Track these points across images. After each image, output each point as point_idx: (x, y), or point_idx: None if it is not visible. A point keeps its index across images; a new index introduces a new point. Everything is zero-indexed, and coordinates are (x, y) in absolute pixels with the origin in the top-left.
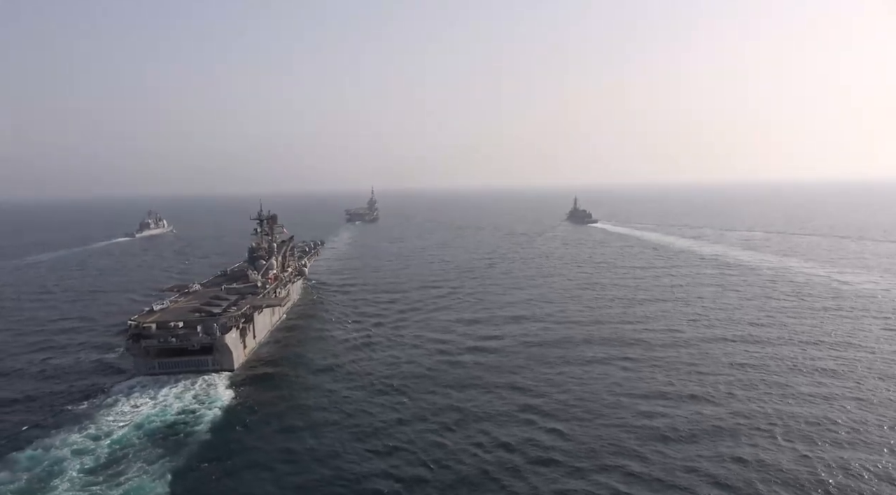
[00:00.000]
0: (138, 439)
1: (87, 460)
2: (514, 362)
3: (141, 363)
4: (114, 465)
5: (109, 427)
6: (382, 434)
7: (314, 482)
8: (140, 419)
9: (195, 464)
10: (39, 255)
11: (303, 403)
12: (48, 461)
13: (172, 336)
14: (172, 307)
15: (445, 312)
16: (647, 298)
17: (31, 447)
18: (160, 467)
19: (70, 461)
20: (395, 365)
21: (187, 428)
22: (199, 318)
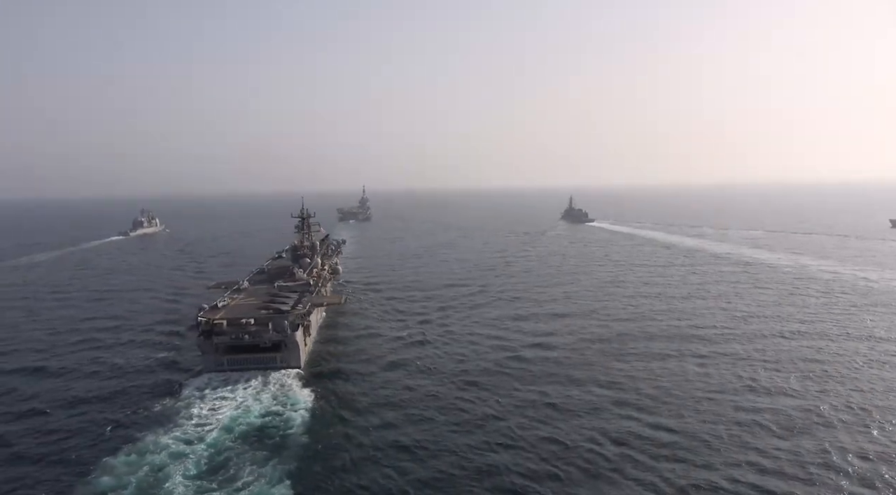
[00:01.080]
0: (232, 442)
1: (190, 465)
2: (583, 357)
3: (210, 359)
4: (221, 471)
5: (196, 430)
6: (486, 429)
7: (440, 476)
8: (226, 421)
9: (306, 465)
10: (35, 255)
11: (388, 399)
12: (148, 466)
13: (245, 333)
14: (234, 304)
15: (486, 309)
16: (682, 295)
17: (122, 452)
18: (272, 470)
19: (172, 466)
20: (463, 360)
21: (280, 430)
22: (268, 316)
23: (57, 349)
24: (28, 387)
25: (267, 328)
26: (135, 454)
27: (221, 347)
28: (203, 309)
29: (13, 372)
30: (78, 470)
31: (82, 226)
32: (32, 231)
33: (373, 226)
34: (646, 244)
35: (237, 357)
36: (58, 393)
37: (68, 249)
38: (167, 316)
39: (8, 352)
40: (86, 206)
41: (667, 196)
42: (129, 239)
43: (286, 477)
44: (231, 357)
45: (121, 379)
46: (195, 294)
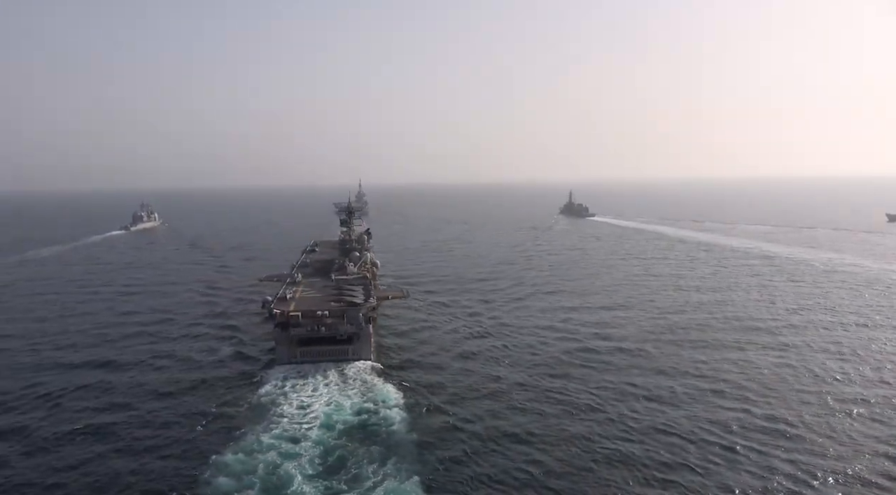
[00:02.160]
0: (336, 440)
1: (306, 465)
2: (658, 349)
3: (283, 351)
4: (342, 470)
5: (294, 427)
6: (596, 419)
7: (569, 467)
8: (323, 418)
9: (427, 461)
10: (39, 250)
11: (478, 390)
12: (263, 465)
13: (321, 325)
14: (300, 296)
15: (529, 302)
16: (721, 287)
17: (228, 450)
18: (395, 468)
19: (289, 465)
20: (534, 352)
21: (383, 427)
22: (341, 308)
23: (115, 343)
24: (105, 381)
25: (342, 320)
26: (242, 453)
27: (295, 339)
28: (267, 301)
29: (82, 365)
30: (190, 468)
31: (79, 221)
32: (28, 225)
33: (372, 222)
34: (658, 239)
35: (310, 349)
36: (137, 387)
37: (71, 244)
38: (210, 309)
39: (66, 346)
40: (73, 201)
41: (660, 192)
42: (131, 233)
43: (413, 474)
44: (304, 349)
45: (194, 372)
46: (227, 287)
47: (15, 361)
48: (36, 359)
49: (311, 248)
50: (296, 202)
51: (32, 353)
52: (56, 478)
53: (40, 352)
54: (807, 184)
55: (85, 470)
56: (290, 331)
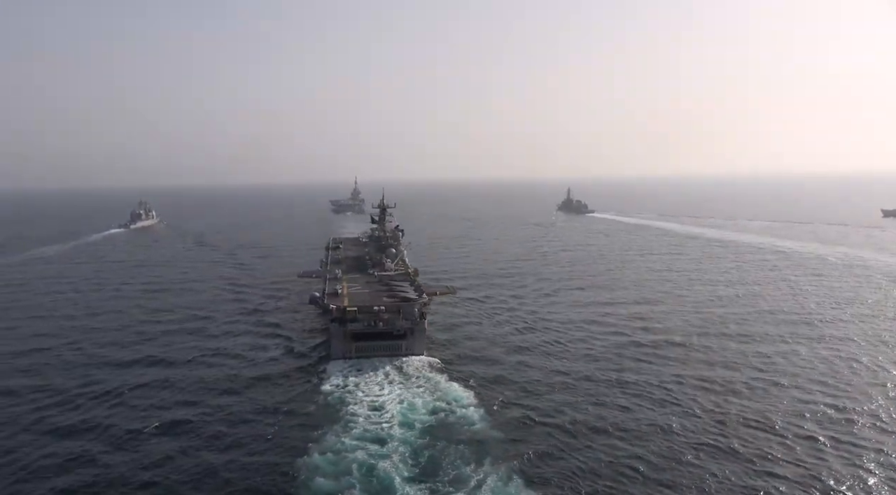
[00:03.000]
0: (420, 439)
1: (401, 466)
2: (706, 342)
3: (338, 346)
4: (440, 472)
5: (374, 427)
6: (679, 411)
7: (667, 460)
8: (400, 418)
9: (522, 458)
10: (42, 249)
11: (548, 384)
12: (356, 466)
13: (378, 320)
14: (349, 292)
15: (561, 297)
16: (748, 281)
17: (313, 450)
18: (492, 467)
19: (384, 467)
20: (587, 344)
21: (465, 427)
22: (396, 303)
23: (156, 340)
24: (162, 378)
25: (398, 316)
26: (330, 453)
27: (349, 334)
28: (316, 297)
29: (133, 363)
30: (281, 467)
31: (73, 219)
32: (23, 223)
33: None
34: (666, 235)
35: (365, 344)
36: (197, 384)
37: (72, 242)
38: (242, 306)
39: (108, 344)
40: (62, 198)
41: (651, 189)
42: (130, 231)
43: (512, 474)
44: (359, 344)
45: (249, 368)
46: (251, 285)
47: (61, 360)
48: (82, 357)
49: (335, 246)
50: (286, 199)
51: (76, 352)
52: (149, 475)
53: (84, 350)
54: (795, 182)
55: (175, 466)
56: (347, 326)
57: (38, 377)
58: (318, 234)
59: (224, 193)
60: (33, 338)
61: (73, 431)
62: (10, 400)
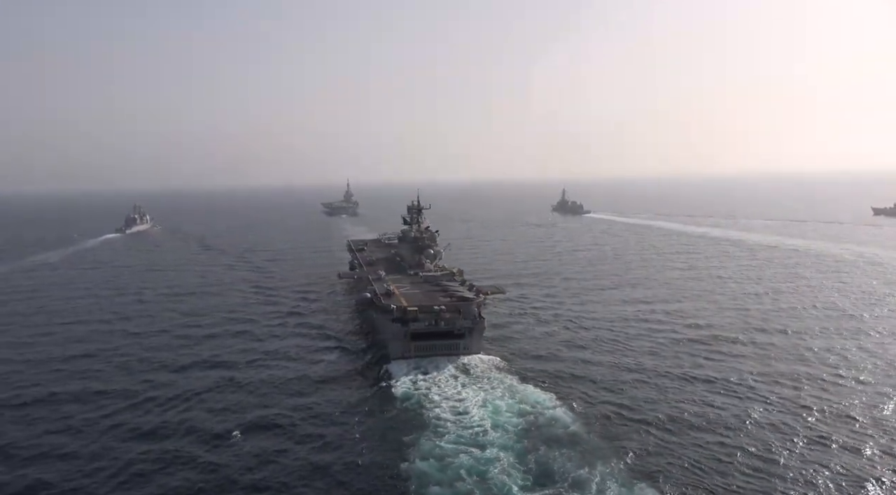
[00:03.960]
0: (518, 443)
1: (513, 472)
2: (768, 338)
3: (398, 346)
4: (553, 477)
5: (469, 432)
6: (776, 406)
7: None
8: (491, 421)
9: (633, 456)
10: (42, 255)
11: (626, 380)
12: (465, 471)
13: (440, 319)
14: (401, 292)
15: (596, 295)
16: (776, 278)
17: (413, 455)
18: (605, 468)
19: (495, 472)
20: (647, 340)
21: (560, 429)
22: (455, 303)
23: (203, 343)
24: (227, 379)
25: (458, 315)
26: (433, 459)
27: (409, 334)
28: (367, 297)
29: (192, 366)
30: (386, 472)
31: (65, 223)
32: (15, 228)
33: (370, 222)
34: (673, 234)
35: (425, 343)
36: (266, 385)
37: (71, 248)
38: (277, 308)
39: (155, 348)
40: (50, 202)
41: (640, 189)
42: (126, 236)
43: (628, 473)
44: (419, 343)
45: (311, 370)
46: (276, 287)
47: (115, 364)
48: (134, 361)
49: (359, 247)
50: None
51: (126, 356)
52: (258, 476)
53: (134, 354)
54: (782, 180)
55: (281, 466)
56: (409, 326)
57: (98, 381)
58: (318, 237)
59: (209, 196)
60: (75, 343)
61: (156, 434)
62: (78, 407)
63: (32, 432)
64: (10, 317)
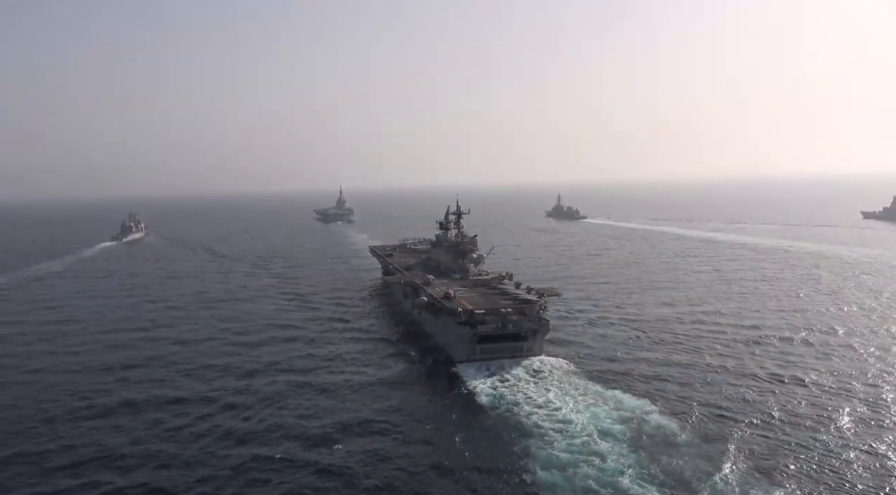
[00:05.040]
0: (634, 452)
1: (645, 485)
2: (837, 338)
3: (464, 348)
4: (690, 486)
5: (578, 442)
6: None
7: None
8: (595, 429)
9: (760, 458)
10: (45, 264)
11: (707, 379)
12: (595, 483)
13: (508, 322)
14: (461, 296)
15: (639, 297)
16: (808, 280)
17: (536, 466)
18: (732, 470)
19: (624, 483)
20: (711, 341)
21: (669, 435)
22: (519, 305)
23: (262, 348)
24: (301, 384)
25: (524, 317)
26: (555, 470)
27: (474, 336)
28: (423, 300)
29: (258, 372)
30: (510, 478)
31: (57, 231)
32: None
33: (369, 229)
34: (680, 239)
35: (489, 346)
36: (343, 389)
37: (70, 257)
38: (317, 313)
39: (215, 354)
40: (37, 210)
41: (630, 193)
42: (123, 244)
43: (756, 477)
44: (483, 346)
45: (381, 374)
46: (308, 293)
47: (180, 369)
48: (197, 368)
49: (388, 253)
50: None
51: (184, 363)
52: (381, 476)
53: (193, 361)
54: (772, 185)
55: (400, 467)
56: (477, 328)
57: (170, 388)
58: (327, 244)
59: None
60: (123, 351)
61: (255, 439)
62: (163, 413)
63: (128, 439)
64: (42, 326)
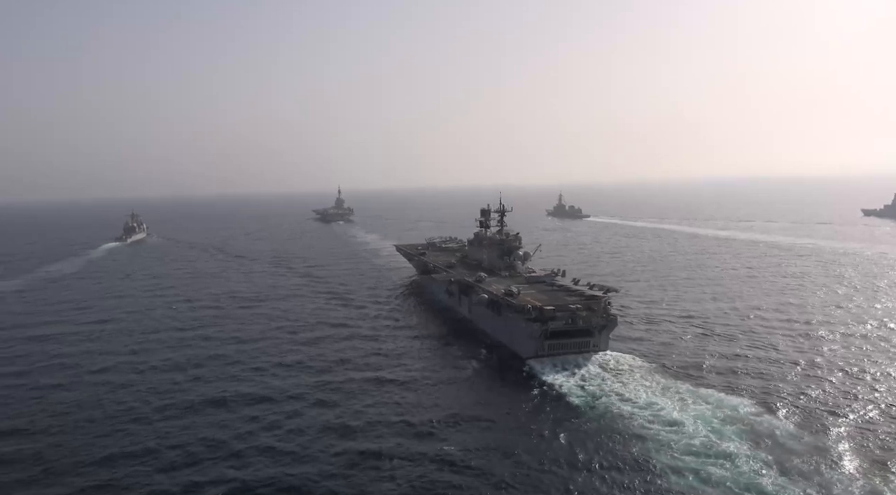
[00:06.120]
0: (762, 452)
1: (784, 484)
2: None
3: (532, 345)
4: (832, 488)
5: (694, 442)
6: None
7: None
8: (710, 428)
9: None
10: (54, 265)
11: (805, 375)
12: (735, 485)
13: (578, 318)
14: (524, 293)
15: (683, 292)
16: (844, 276)
17: (667, 470)
18: (875, 472)
19: (764, 483)
20: (783, 336)
21: (785, 435)
22: (586, 301)
23: (324, 345)
24: (378, 381)
25: (593, 313)
26: (688, 473)
27: (547, 333)
28: (484, 298)
29: (331, 369)
30: (642, 484)
31: (54, 233)
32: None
33: (373, 229)
34: (694, 237)
35: (557, 342)
36: (426, 386)
37: (77, 258)
38: (360, 312)
39: (276, 352)
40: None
41: (629, 192)
42: (128, 245)
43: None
44: (551, 342)
45: (453, 372)
46: (339, 292)
47: (253, 366)
48: (269, 365)
49: (422, 252)
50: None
51: (252, 360)
52: (502, 475)
53: (261, 359)
54: (765, 184)
55: (525, 463)
56: (548, 325)
57: (251, 385)
58: (335, 244)
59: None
60: (183, 350)
61: (356, 432)
62: (257, 410)
63: (231, 434)
64: (81, 327)
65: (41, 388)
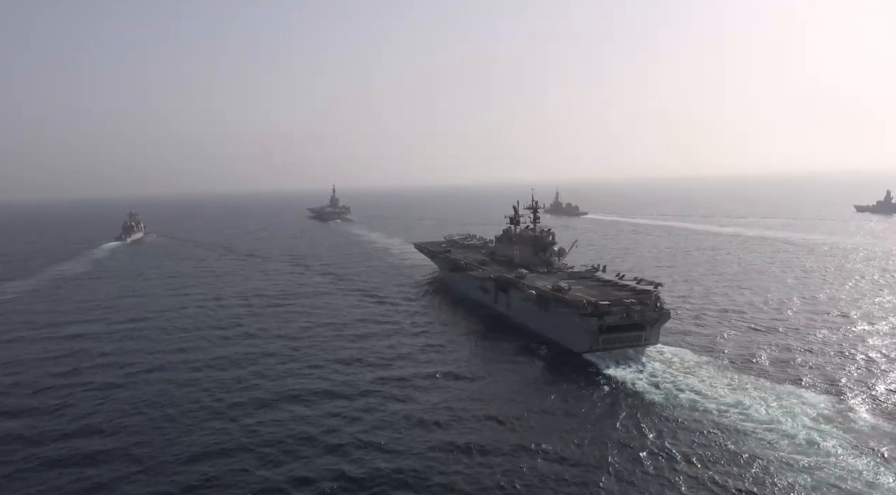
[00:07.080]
0: (857, 450)
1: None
2: None
3: (587, 339)
4: None
5: (790, 441)
6: None
7: None
8: (807, 426)
9: None
10: (59, 265)
11: (870, 370)
12: (864, 485)
13: (633, 312)
14: (575, 289)
15: (711, 286)
16: (868, 271)
17: (778, 471)
18: None
19: (875, 477)
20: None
21: (883, 435)
22: (639, 295)
23: (375, 341)
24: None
25: (647, 307)
26: (803, 473)
27: (604, 327)
28: (532, 294)
29: (381, 366)
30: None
31: (51, 232)
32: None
33: (363, 226)
34: (701, 234)
35: (610, 336)
36: (485, 384)
37: (83, 257)
38: (397, 308)
39: (327, 348)
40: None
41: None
42: (128, 244)
43: None
44: (605, 336)
45: (511, 364)
46: (368, 289)
47: (308, 363)
48: (324, 361)
49: (447, 248)
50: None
51: (305, 357)
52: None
53: (314, 355)
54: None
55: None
56: (603, 319)
57: (310, 380)
58: (343, 243)
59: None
60: (229, 348)
61: (438, 426)
62: (332, 404)
63: (321, 429)
64: (113, 326)
65: (99, 388)
